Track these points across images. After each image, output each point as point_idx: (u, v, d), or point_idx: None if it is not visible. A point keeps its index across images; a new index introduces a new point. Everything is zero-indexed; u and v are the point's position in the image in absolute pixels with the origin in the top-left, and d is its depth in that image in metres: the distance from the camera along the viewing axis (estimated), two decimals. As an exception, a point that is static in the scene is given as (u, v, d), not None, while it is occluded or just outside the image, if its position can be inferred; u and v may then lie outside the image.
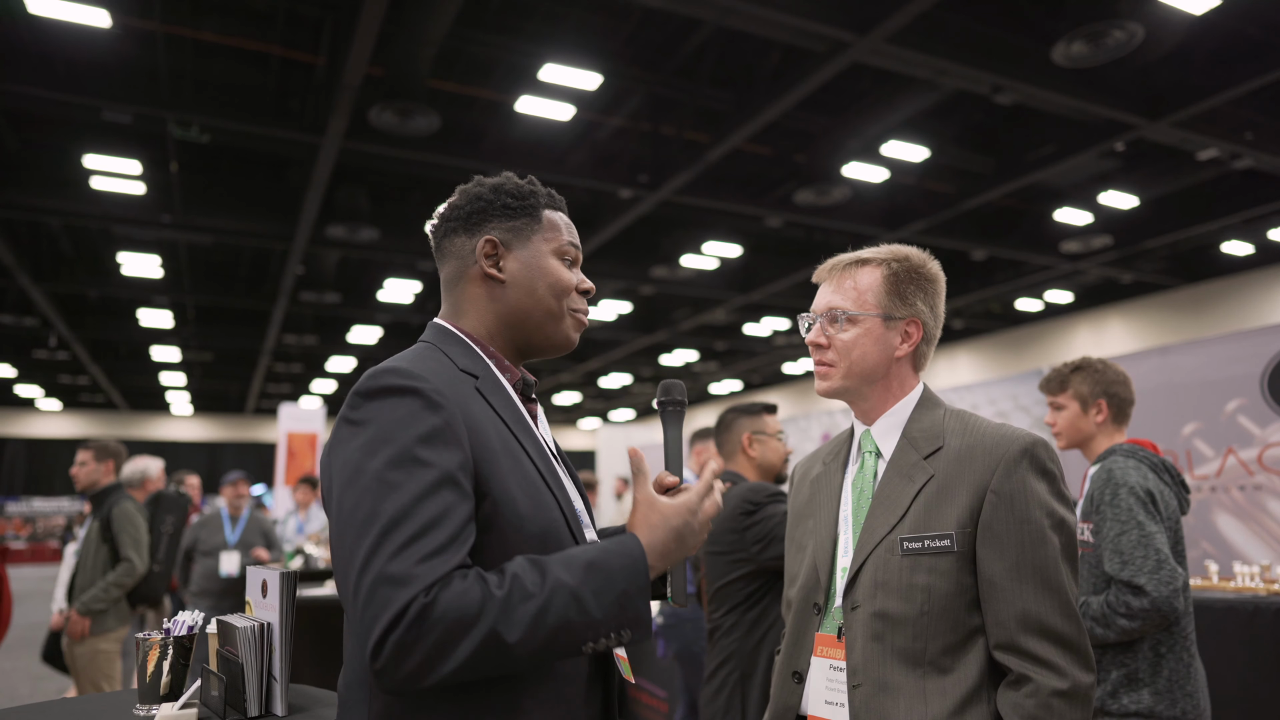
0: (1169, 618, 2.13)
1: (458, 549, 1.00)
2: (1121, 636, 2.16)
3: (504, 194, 1.29)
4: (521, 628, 0.96)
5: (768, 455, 2.99)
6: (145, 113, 7.59)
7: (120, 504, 4.53)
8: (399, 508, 0.98)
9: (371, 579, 0.95)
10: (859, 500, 1.49)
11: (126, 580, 4.42)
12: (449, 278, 1.31)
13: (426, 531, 0.98)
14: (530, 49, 7.43)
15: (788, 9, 6.39)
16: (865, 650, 1.35)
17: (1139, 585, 2.11)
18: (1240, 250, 12.81)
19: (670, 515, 1.14)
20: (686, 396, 1.31)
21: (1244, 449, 4.60)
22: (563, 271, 1.29)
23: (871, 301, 1.50)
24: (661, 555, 1.11)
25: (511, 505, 1.10)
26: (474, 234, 1.28)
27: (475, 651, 0.94)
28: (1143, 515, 2.19)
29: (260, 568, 1.56)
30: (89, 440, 4.71)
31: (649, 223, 10.97)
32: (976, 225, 11.55)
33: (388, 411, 1.05)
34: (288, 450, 12.62)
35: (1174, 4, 6.35)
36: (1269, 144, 8.78)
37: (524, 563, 1.03)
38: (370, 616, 0.94)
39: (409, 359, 1.14)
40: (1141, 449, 2.38)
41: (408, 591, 0.94)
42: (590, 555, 1.06)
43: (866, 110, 8.36)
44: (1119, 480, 2.25)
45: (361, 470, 1.02)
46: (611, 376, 22.33)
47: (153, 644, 1.58)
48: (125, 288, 13.05)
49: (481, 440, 1.10)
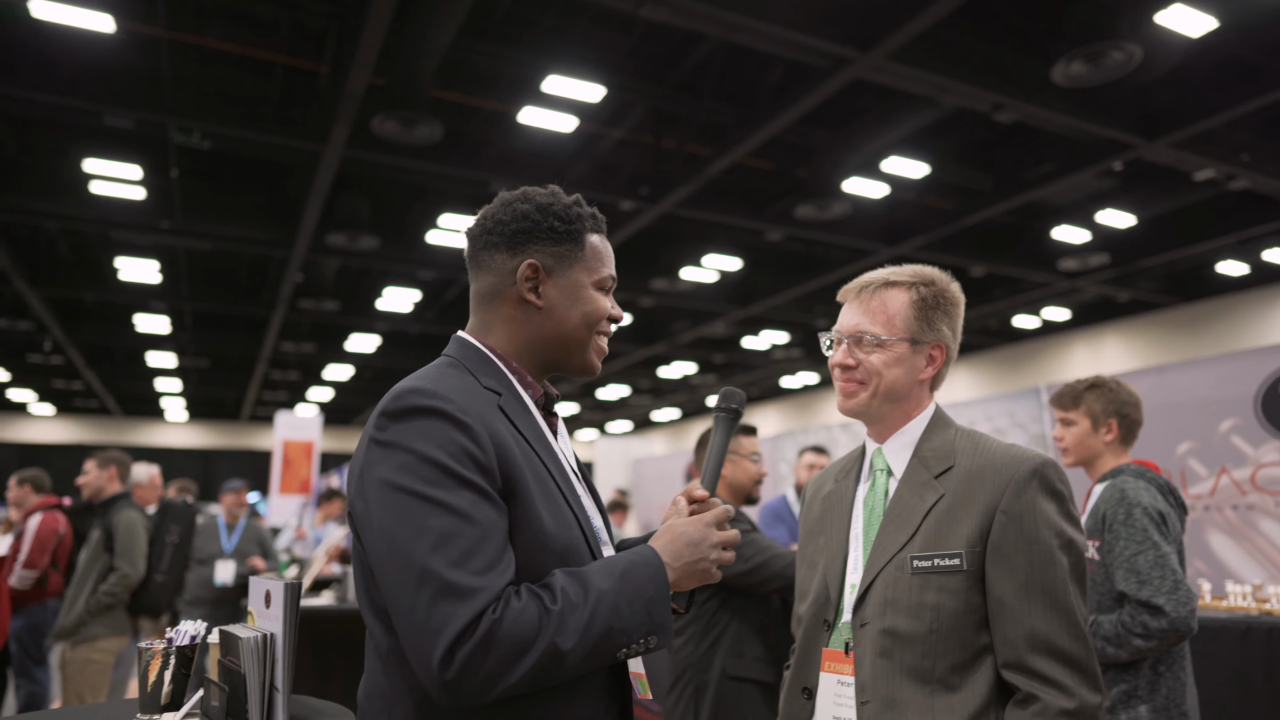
0: (1185, 638, 2.14)
1: (508, 562, 1.05)
2: (1134, 656, 2.16)
3: (552, 216, 1.27)
4: (575, 637, 1.02)
5: (738, 475, 3.02)
6: (147, 118, 7.60)
7: (124, 512, 4.49)
8: (446, 524, 1.01)
9: (431, 594, 0.97)
10: (870, 518, 1.50)
11: (119, 590, 4.38)
12: (483, 292, 1.29)
13: (478, 546, 1.01)
14: (533, 61, 7.47)
15: (790, 25, 6.43)
16: (874, 667, 1.36)
17: (1158, 605, 2.11)
18: (1236, 270, 12.88)
19: (682, 526, 1.20)
20: (744, 405, 1.36)
21: (1237, 469, 4.61)
22: (600, 303, 1.29)
23: (900, 326, 1.51)
24: (678, 560, 1.16)
25: (538, 523, 1.11)
26: (516, 254, 1.26)
27: (536, 664, 0.99)
28: (1157, 535, 2.20)
29: (264, 578, 1.56)
30: (95, 449, 4.71)
31: (649, 235, 11.00)
32: (975, 242, 11.60)
33: (416, 431, 1.07)
34: (283, 458, 12.58)
35: (1172, 26, 6.42)
36: (1265, 165, 8.84)
37: (565, 576, 1.08)
38: (434, 629, 0.96)
39: (432, 377, 1.15)
40: (1148, 470, 2.40)
41: (473, 605, 0.97)
42: (622, 565, 1.11)
43: (867, 126, 8.40)
44: (1132, 500, 2.26)
45: (400, 489, 1.03)
46: (609, 388, 22.31)
47: (155, 653, 1.57)
48: (122, 293, 13.03)
49: (506, 457, 1.11)
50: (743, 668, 2.73)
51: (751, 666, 2.74)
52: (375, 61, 6.62)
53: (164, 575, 4.90)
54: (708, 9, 6.23)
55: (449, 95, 8.14)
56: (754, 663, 2.74)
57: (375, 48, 6.40)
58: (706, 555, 1.18)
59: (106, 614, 4.40)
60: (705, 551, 1.18)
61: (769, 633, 2.81)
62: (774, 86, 7.86)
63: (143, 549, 4.52)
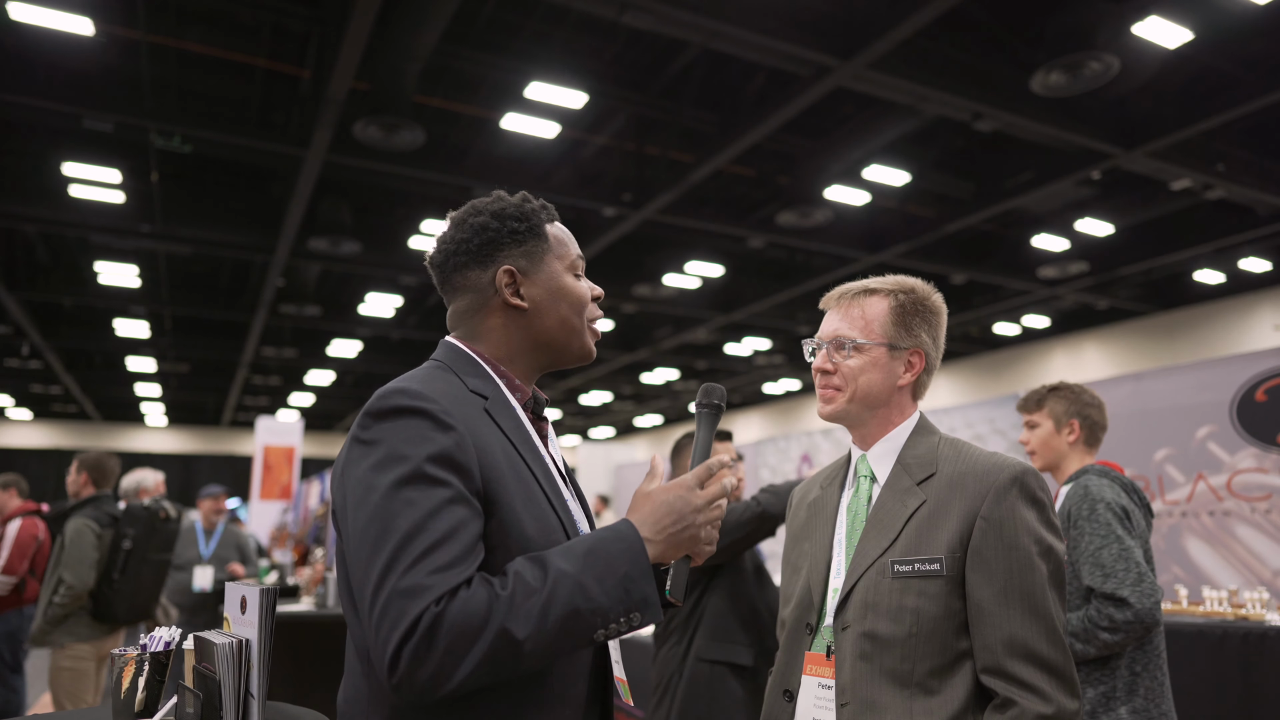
0: (1150, 629, 2.16)
1: (470, 563, 1.01)
2: (1102, 651, 2.18)
3: (508, 219, 1.28)
4: (530, 623, 0.98)
5: None
6: (127, 122, 7.54)
7: (73, 520, 4.38)
8: (412, 523, 1.00)
9: (387, 594, 0.97)
10: (853, 523, 1.51)
11: (67, 600, 4.28)
12: (465, 310, 1.30)
13: (439, 545, 0.99)
14: (516, 67, 7.47)
15: (773, 33, 6.47)
16: (853, 669, 1.37)
17: (1122, 597, 2.14)
18: (1212, 279, 13.06)
19: (659, 493, 1.13)
20: (724, 400, 1.33)
21: (1214, 475, 4.67)
22: (579, 287, 1.31)
23: (878, 331, 1.53)
24: (658, 531, 1.10)
25: (518, 527, 1.10)
26: (488, 265, 1.27)
27: (487, 653, 0.96)
28: (1120, 530, 2.23)
29: (239, 583, 1.55)
30: (73, 454, 4.64)
31: (632, 241, 11.02)
32: (956, 249, 11.70)
33: (398, 431, 1.07)
34: (264, 464, 12.48)
35: (1148, 38, 6.51)
36: (1239, 175, 8.97)
37: (524, 561, 1.04)
38: (386, 630, 0.95)
39: (419, 379, 1.15)
40: (1112, 470, 2.44)
41: (420, 603, 0.95)
42: (588, 543, 1.07)
43: (849, 134, 8.46)
44: (1095, 496, 2.30)
45: (374, 488, 1.03)
46: (592, 394, 22.30)
47: (128, 660, 1.56)
48: (101, 297, 12.90)
49: (489, 461, 1.11)
50: (716, 650, 2.75)
51: (725, 649, 2.75)
52: (358, 66, 6.60)
53: (120, 579, 4.69)
54: (690, 17, 6.26)
55: (431, 101, 8.13)
56: (728, 646, 2.76)
57: (358, 52, 6.38)
58: (692, 521, 1.12)
59: (68, 622, 4.32)
60: (690, 517, 1.12)
61: (745, 615, 2.82)
62: (756, 94, 7.90)
63: (89, 557, 4.34)
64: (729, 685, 2.71)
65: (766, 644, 2.81)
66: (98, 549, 4.39)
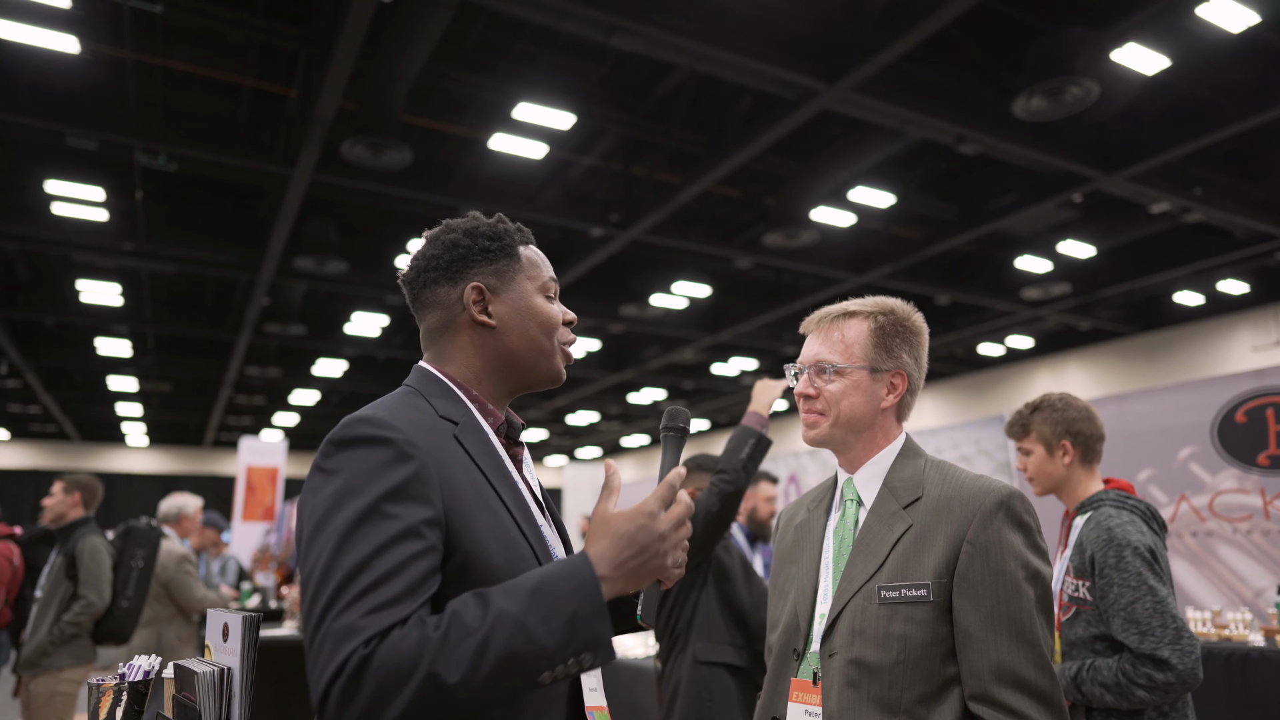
0: (1191, 689, 2.01)
1: (411, 601, 0.98)
2: (1134, 706, 2.04)
3: (481, 237, 1.28)
4: (462, 667, 0.93)
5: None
6: (112, 139, 7.50)
7: (88, 538, 4.37)
8: (355, 562, 0.98)
9: (322, 633, 0.95)
10: (840, 548, 1.50)
11: (83, 619, 4.25)
12: (434, 327, 1.29)
13: (380, 584, 0.97)
14: (504, 87, 7.50)
15: (759, 56, 6.54)
16: (841, 697, 1.36)
17: (1163, 659, 1.97)
18: (1191, 300, 13.22)
19: (619, 523, 1.06)
20: (689, 424, 1.30)
21: (1196, 496, 4.70)
22: (550, 309, 1.30)
23: (859, 354, 1.53)
24: (617, 566, 1.03)
25: (484, 557, 1.08)
26: (458, 281, 1.27)
27: (415, 698, 0.92)
28: (1152, 579, 2.06)
29: (221, 611, 1.53)
30: (64, 473, 4.60)
31: (619, 261, 11.04)
32: (940, 271, 11.79)
33: (358, 462, 1.05)
34: (247, 484, 12.34)
35: (1128, 64, 6.63)
36: (1217, 199, 9.11)
37: (468, 598, 1.00)
38: (319, 669, 0.94)
39: (386, 407, 1.14)
40: (1129, 497, 2.27)
41: (350, 644, 0.93)
42: (536, 580, 1.01)
43: (835, 156, 8.54)
44: (1121, 540, 2.11)
45: (326, 521, 1.02)
46: (579, 414, 22.24)
47: (106, 689, 1.53)
48: (83, 315, 12.77)
49: (454, 491, 1.09)
50: (713, 652, 2.76)
51: (720, 651, 2.77)
52: (345, 86, 6.61)
53: (129, 601, 4.71)
54: (678, 39, 6.31)
55: (419, 121, 8.14)
56: (724, 647, 2.78)
57: (346, 72, 6.39)
58: (656, 550, 1.05)
59: (70, 643, 4.27)
60: (653, 547, 1.05)
61: (735, 617, 2.84)
62: (743, 116, 7.97)
63: (107, 576, 4.38)
64: (726, 686, 2.74)
65: (757, 647, 2.84)
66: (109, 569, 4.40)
